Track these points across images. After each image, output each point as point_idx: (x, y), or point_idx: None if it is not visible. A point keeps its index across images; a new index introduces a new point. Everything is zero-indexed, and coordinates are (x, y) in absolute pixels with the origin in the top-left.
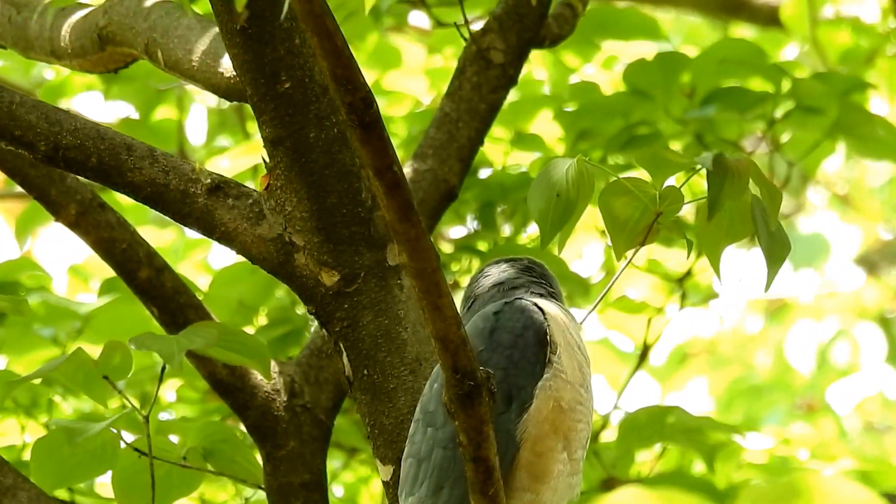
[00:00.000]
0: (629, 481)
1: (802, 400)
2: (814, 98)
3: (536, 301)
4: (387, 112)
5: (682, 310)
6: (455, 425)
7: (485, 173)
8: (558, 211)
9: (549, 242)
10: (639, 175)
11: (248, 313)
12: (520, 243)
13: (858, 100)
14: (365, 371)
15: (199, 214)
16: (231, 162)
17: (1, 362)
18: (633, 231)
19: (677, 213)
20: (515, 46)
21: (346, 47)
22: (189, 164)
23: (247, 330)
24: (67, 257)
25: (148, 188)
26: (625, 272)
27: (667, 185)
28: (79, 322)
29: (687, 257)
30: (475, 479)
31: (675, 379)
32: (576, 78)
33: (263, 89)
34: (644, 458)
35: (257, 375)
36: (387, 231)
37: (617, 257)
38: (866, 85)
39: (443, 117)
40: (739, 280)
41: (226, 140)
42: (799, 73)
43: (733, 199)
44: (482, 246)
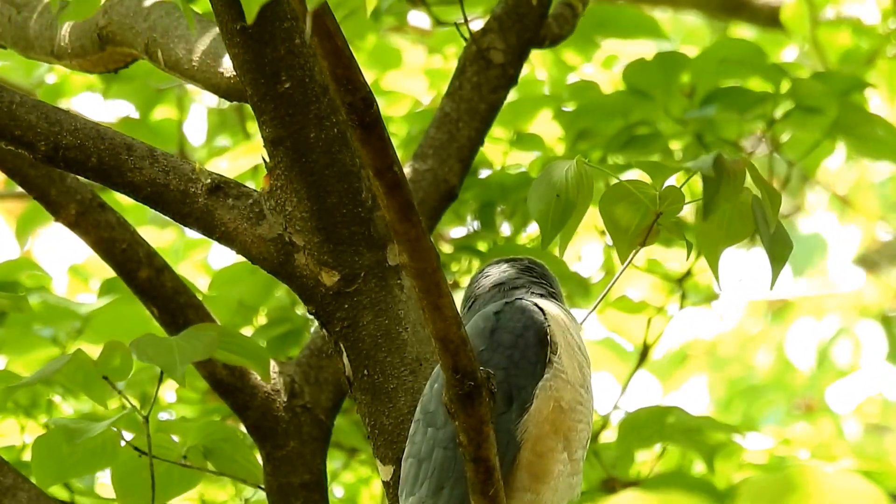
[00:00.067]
0: (629, 481)
1: (801, 400)
2: (813, 98)
3: (537, 301)
4: (386, 112)
5: (682, 310)
6: (455, 425)
7: (484, 173)
8: (558, 212)
9: (550, 243)
10: (639, 175)
11: (248, 313)
12: (519, 243)
13: (858, 100)
14: (365, 371)
15: (199, 214)
16: (231, 162)
17: (1, 362)
18: (636, 233)
19: (678, 214)
20: (515, 46)
21: (347, 47)
22: (189, 164)
23: (247, 330)
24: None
25: (148, 188)
26: (625, 272)
27: (667, 186)
28: (79, 322)
29: (687, 258)
30: (475, 480)
31: (675, 379)
32: (575, 77)
33: (264, 89)
34: (644, 459)
35: (257, 375)
36: (387, 231)
37: (621, 260)
38: (865, 85)
39: (443, 117)
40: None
41: (226, 140)
42: (799, 74)
43: (729, 201)
44: (482, 246)
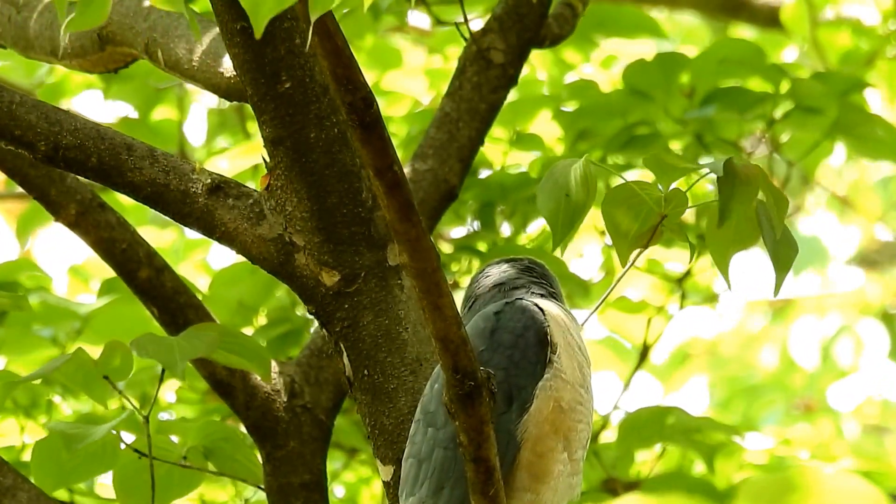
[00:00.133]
0: (629, 482)
1: (801, 400)
2: (813, 98)
3: (537, 301)
4: (386, 112)
5: (682, 310)
6: (455, 425)
7: (485, 173)
8: (569, 211)
9: (561, 242)
10: (640, 175)
11: (248, 313)
12: (520, 244)
13: (858, 100)
14: (365, 371)
15: (200, 214)
16: (231, 162)
17: (0, 362)
18: (637, 234)
19: (681, 216)
20: (516, 46)
21: (347, 47)
22: (189, 164)
23: (247, 330)
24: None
25: (148, 188)
26: (625, 273)
27: (672, 188)
28: (78, 322)
29: (690, 260)
30: (476, 480)
31: (675, 379)
32: (574, 76)
33: (264, 89)
34: (644, 459)
35: (257, 376)
36: (387, 231)
37: (622, 263)
38: (865, 85)
39: (443, 117)
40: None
41: (226, 141)
42: (799, 74)
43: (743, 205)
44: (482, 246)
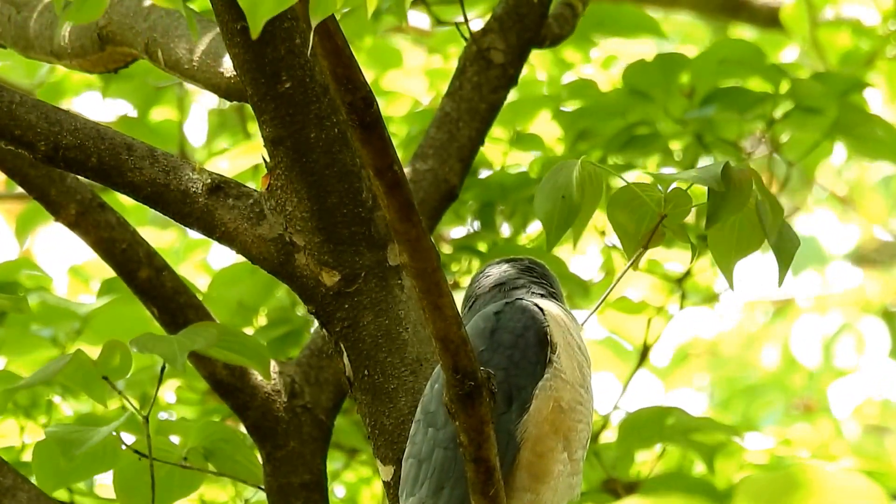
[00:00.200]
0: (629, 482)
1: (800, 400)
2: (813, 98)
3: (537, 301)
4: (386, 112)
5: (682, 310)
6: (456, 426)
7: (485, 174)
8: (564, 213)
9: (555, 244)
10: (640, 176)
11: (248, 314)
12: (520, 244)
13: (857, 100)
14: (365, 371)
15: (200, 214)
16: (231, 162)
17: (0, 363)
18: (643, 234)
19: (685, 218)
20: (516, 46)
21: (347, 47)
22: (189, 164)
23: (247, 331)
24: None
25: (148, 188)
26: (626, 273)
27: (672, 189)
28: (78, 322)
29: (691, 261)
30: (476, 480)
31: (674, 379)
32: (573, 76)
33: (264, 89)
34: (644, 459)
35: (257, 376)
36: (387, 231)
37: (628, 260)
38: (865, 85)
39: (443, 117)
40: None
41: (226, 142)
42: (798, 74)
43: (734, 213)
44: (482, 246)
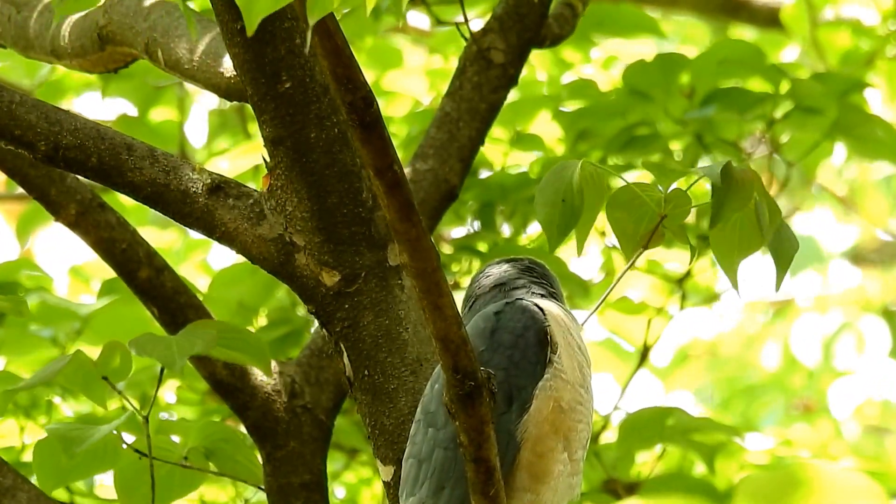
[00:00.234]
0: (630, 482)
1: (799, 400)
2: (813, 99)
3: (537, 301)
4: (386, 112)
5: (683, 310)
6: (456, 426)
7: (485, 174)
8: (564, 216)
9: (557, 247)
10: (641, 176)
11: (249, 314)
12: (520, 244)
13: (857, 101)
14: (366, 371)
15: (200, 214)
16: (231, 162)
17: (0, 363)
18: (642, 235)
19: (685, 218)
20: (516, 46)
21: (347, 46)
22: (189, 164)
23: None
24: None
25: (148, 188)
26: (625, 273)
27: (672, 189)
28: (78, 323)
29: (690, 262)
30: (476, 480)
31: (676, 379)
32: (572, 76)
33: (264, 89)
34: (645, 459)
35: (257, 376)
36: (387, 231)
37: (627, 261)
38: (865, 85)
39: (443, 117)
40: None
41: (227, 142)
42: (798, 74)
43: (737, 211)
44: (482, 247)
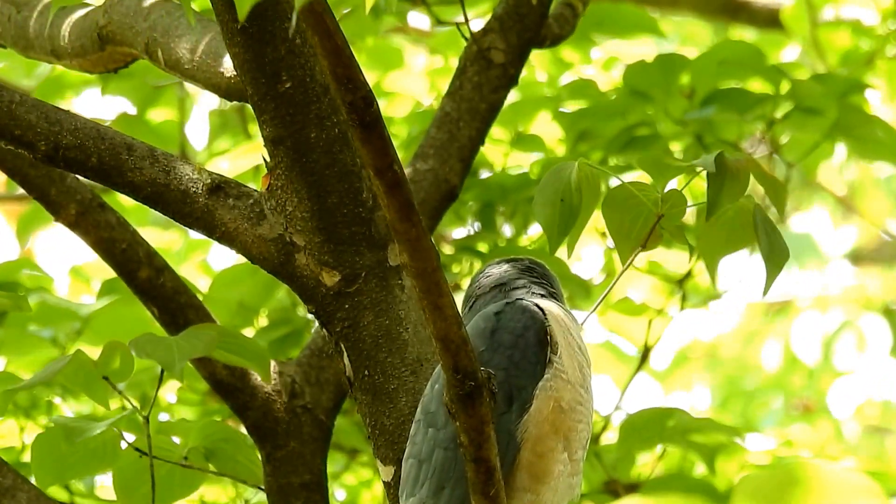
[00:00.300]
0: (630, 483)
1: (799, 401)
2: (813, 99)
3: (537, 301)
4: (387, 113)
5: (683, 311)
6: (456, 426)
7: (485, 174)
8: (564, 216)
9: (557, 247)
10: (640, 176)
11: (249, 314)
12: (520, 245)
13: (858, 101)
14: (366, 371)
15: (200, 214)
16: (232, 163)
17: (0, 363)
18: (638, 235)
19: (682, 217)
20: (516, 46)
21: (347, 46)
22: (189, 164)
23: (247, 331)
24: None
25: (148, 188)
26: (626, 274)
27: (669, 189)
28: (78, 323)
29: (688, 261)
30: (476, 480)
31: (676, 379)
32: (572, 77)
33: (264, 89)
34: (645, 461)
35: (258, 376)
36: (388, 231)
37: (622, 261)
38: (865, 86)
39: (443, 117)
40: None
41: (227, 143)
42: (799, 74)
43: (733, 200)
44: (483, 247)
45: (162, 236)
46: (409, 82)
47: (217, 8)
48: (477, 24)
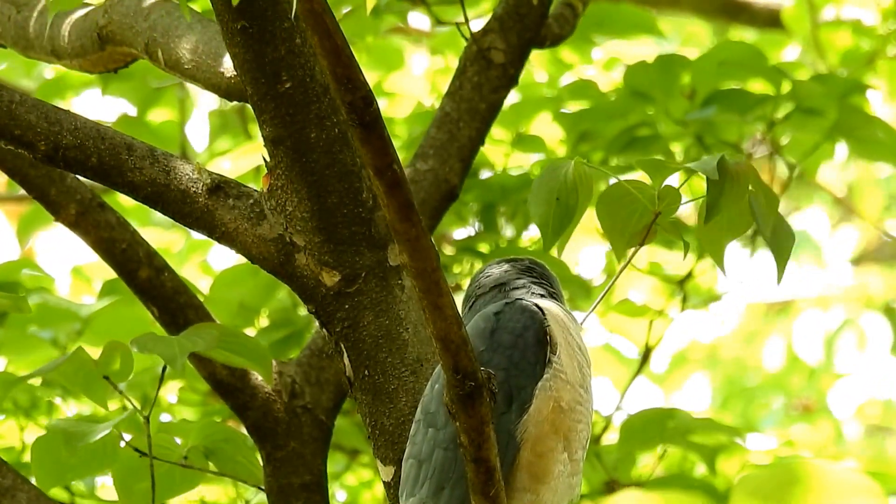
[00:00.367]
0: (631, 483)
1: (799, 401)
2: (813, 100)
3: (537, 301)
4: (388, 114)
5: (683, 312)
6: (456, 426)
7: (486, 175)
8: (558, 215)
9: (552, 246)
10: (640, 176)
11: (250, 315)
12: (521, 245)
13: (858, 101)
14: (366, 371)
15: (200, 214)
16: (232, 163)
17: (0, 364)
18: (632, 233)
19: (675, 214)
20: (516, 46)
21: (346, 46)
22: (189, 164)
23: (248, 332)
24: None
25: (148, 188)
26: (627, 275)
27: (664, 186)
28: (79, 324)
29: (684, 258)
30: (476, 480)
31: (676, 380)
32: (572, 77)
33: (264, 89)
34: (646, 461)
35: (258, 376)
36: (387, 231)
37: (617, 259)
38: (865, 87)
39: (443, 117)
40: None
41: (227, 144)
42: (800, 73)
43: (733, 205)
44: (484, 248)
45: (163, 237)
46: (411, 83)
47: (217, 8)
48: (477, 24)
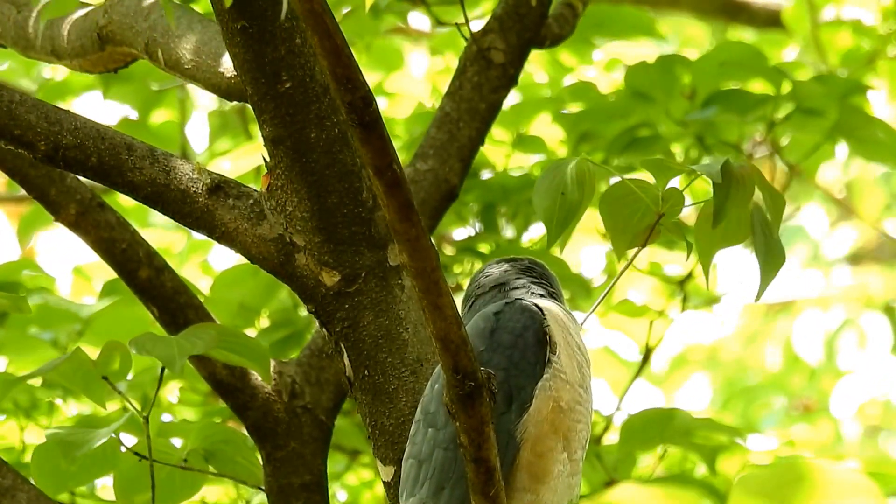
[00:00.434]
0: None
1: (799, 401)
2: (814, 100)
3: (537, 301)
4: (389, 114)
5: (684, 312)
6: (456, 426)
7: (487, 175)
8: (563, 210)
9: (556, 241)
10: (641, 176)
11: (250, 315)
12: (522, 245)
13: (859, 102)
14: (366, 371)
15: (200, 214)
16: (232, 163)
17: (1, 365)
18: (633, 232)
19: (678, 215)
20: (516, 46)
21: (346, 46)
22: (189, 164)
23: (248, 332)
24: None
25: (148, 188)
26: (627, 275)
27: (668, 187)
28: (79, 324)
29: (686, 259)
30: (476, 480)
31: (676, 380)
32: (573, 79)
33: (264, 89)
34: (646, 461)
35: (258, 376)
36: (387, 231)
37: (617, 258)
38: (865, 87)
39: (443, 117)
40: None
41: (227, 144)
42: (800, 73)
43: (739, 208)
44: (484, 248)
45: (164, 237)
46: (411, 83)
47: (217, 8)
48: (477, 25)
